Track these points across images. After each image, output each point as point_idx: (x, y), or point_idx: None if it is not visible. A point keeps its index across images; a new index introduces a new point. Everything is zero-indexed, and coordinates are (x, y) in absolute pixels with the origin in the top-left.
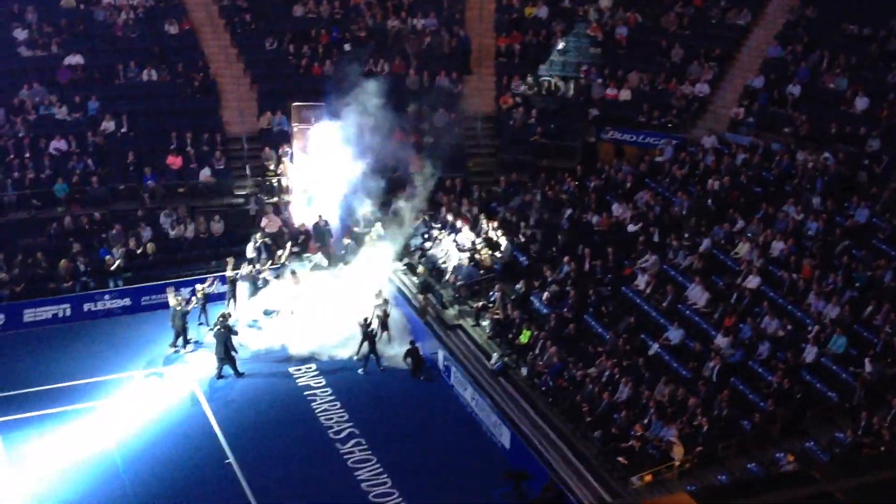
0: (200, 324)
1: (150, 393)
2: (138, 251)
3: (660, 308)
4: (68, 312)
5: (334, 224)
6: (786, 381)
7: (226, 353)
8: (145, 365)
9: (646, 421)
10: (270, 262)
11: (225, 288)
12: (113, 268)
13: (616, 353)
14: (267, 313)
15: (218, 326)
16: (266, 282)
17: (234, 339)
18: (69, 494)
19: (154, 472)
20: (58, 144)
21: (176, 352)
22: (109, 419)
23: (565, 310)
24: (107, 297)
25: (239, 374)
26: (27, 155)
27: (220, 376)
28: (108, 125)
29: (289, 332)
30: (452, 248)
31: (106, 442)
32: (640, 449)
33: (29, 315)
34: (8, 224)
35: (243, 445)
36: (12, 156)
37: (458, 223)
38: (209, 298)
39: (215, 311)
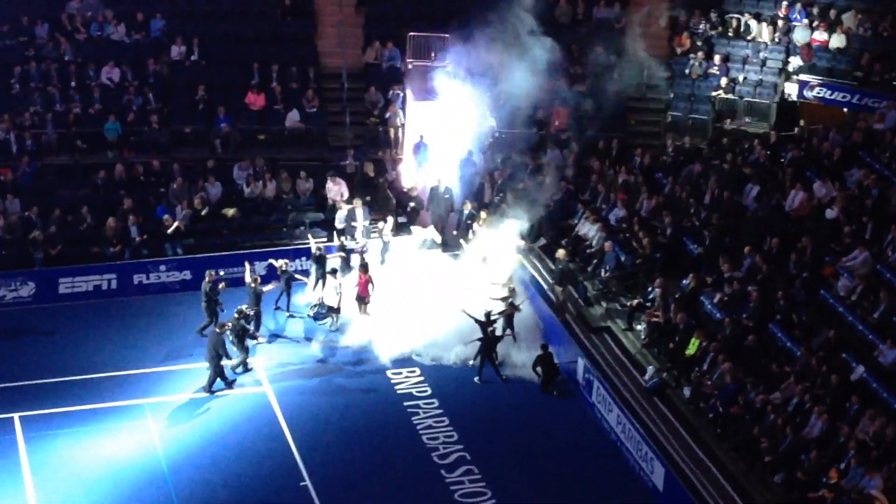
0: (277, 308)
1: (209, 392)
2: (203, 212)
3: (869, 320)
4: (114, 284)
5: (456, 191)
6: None
7: (217, 358)
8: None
9: (842, 466)
10: (366, 234)
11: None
12: (171, 231)
13: (808, 376)
14: (317, 317)
15: (233, 324)
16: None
17: (230, 345)
18: None
19: (208, 490)
20: (111, 73)
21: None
22: (157, 421)
23: (745, 316)
24: (162, 267)
25: (210, 391)
26: (73, 84)
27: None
28: (176, 51)
29: (388, 327)
30: (602, 229)
31: (151, 449)
32: (832, 502)
33: (65, 285)
34: (46, 170)
35: (324, 465)
36: (55, 84)
37: (612, 197)
38: (293, 278)
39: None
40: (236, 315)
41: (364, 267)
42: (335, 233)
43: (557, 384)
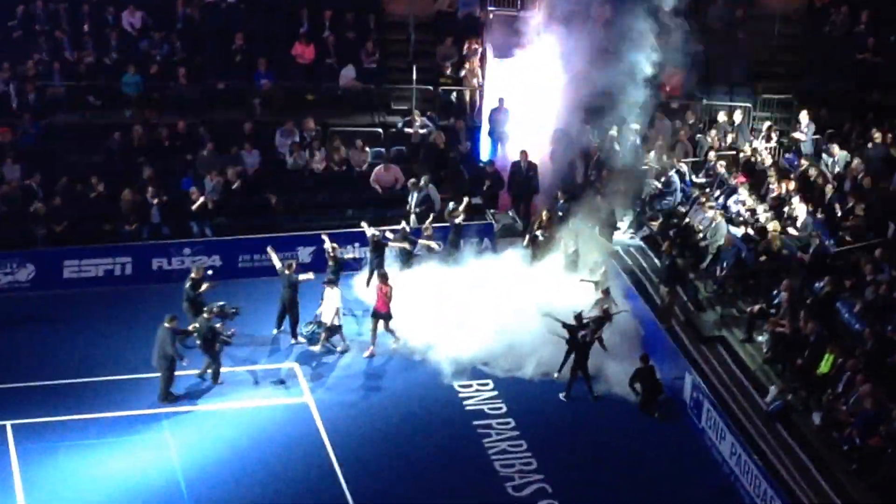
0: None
1: (241, 400)
2: (234, 185)
3: None
4: (128, 269)
5: (543, 169)
6: None
7: (167, 360)
8: (241, 360)
9: None
10: (432, 217)
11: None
12: (196, 207)
13: None
14: (312, 339)
15: (200, 323)
16: (430, 249)
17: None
18: None
19: None
20: (132, 17)
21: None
22: (175, 435)
23: (890, 329)
24: (187, 250)
25: (166, 399)
26: (86, 29)
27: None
28: None
29: (455, 331)
30: (720, 218)
31: (169, 468)
32: None
33: (71, 268)
34: (52, 130)
35: (375, 495)
36: (64, 28)
37: (733, 179)
38: (343, 267)
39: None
40: (206, 315)
41: (384, 276)
42: (409, 217)
43: (659, 404)
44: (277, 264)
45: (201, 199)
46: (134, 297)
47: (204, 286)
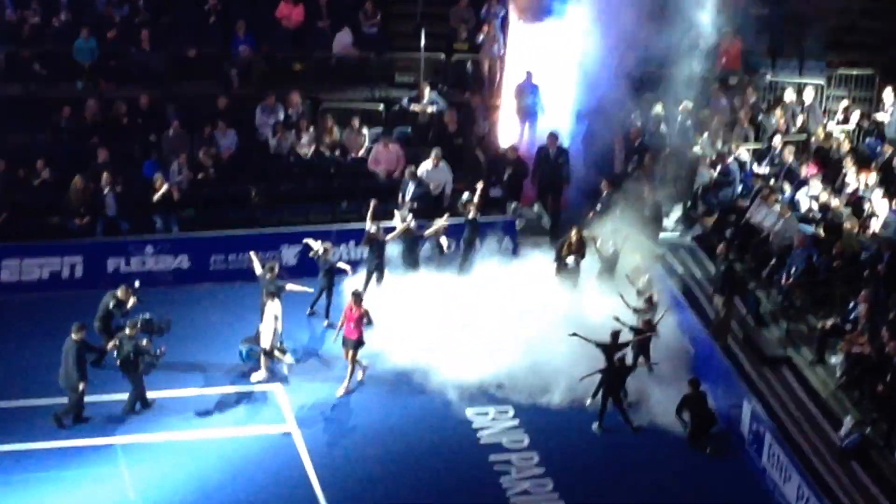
0: (312, 313)
1: (212, 428)
2: (208, 172)
3: None
4: (78, 271)
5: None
6: None
7: (75, 379)
8: (212, 380)
9: None
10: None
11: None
12: (157, 197)
13: None
14: (249, 356)
15: (121, 340)
16: (440, 246)
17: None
18: None
19: None
20: None
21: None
22: (132, 469)
23: None
24: (149, 249)
25: (62, 423)
26: None
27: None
28: None
29: (469, 348)
30: (787, 215)
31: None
32: None
33: (9, 270)
34: None
35: None
36: None
37: (802, 169)
38: (337, 270)
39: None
40: (128, 330)
41: (357, 296)
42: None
43: (712, 437)
44: (258, 269)
45: (164, 188)
46: (84, 303)
47: (130, 302)
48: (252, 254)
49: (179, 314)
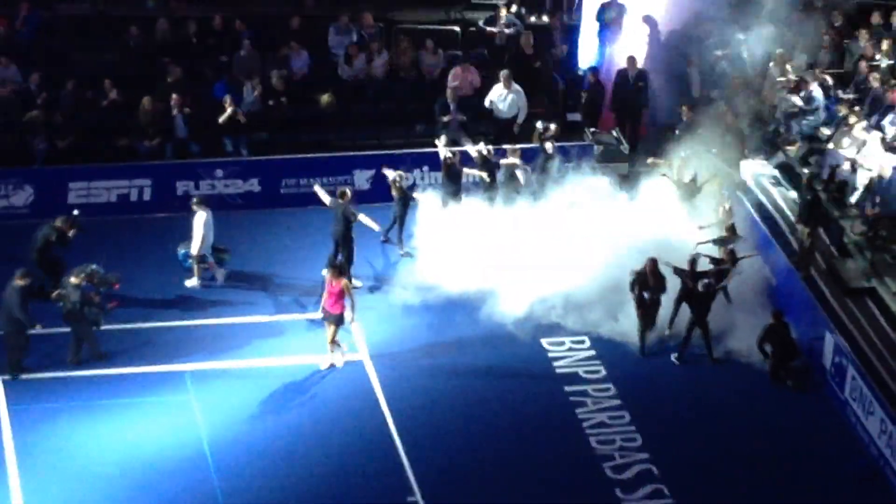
0: (386, 240)
1: (280, 356)
2: (279, 97)
3: None
4: (147, 194)
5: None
6: None
7: (15, 324)
8: (284, 306)
9: None
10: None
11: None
12: (223, 119)
13: None
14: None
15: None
16: (514, 175)
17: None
18: None
19: (268, 482)
20: None
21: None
22: (201, 395)
23: None
24: (219, 172)
25: (17, 371)
26: None
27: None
28: None
29: (544, 274)
30: (876, 144)
31: (192, 432)
32: None
33: (77, 192)
34: (55, 23)
35: (442, 474)
36: None
37: (889, 95)
38: (411, 198)
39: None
40: (74, 279)
41: (337, 269)
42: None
43: (794, 370)
44: (326, 199)
45: (229, 110)
46: (153, 226)
47: (71, 233)
48: (316, 187)
49: (249, 238)
